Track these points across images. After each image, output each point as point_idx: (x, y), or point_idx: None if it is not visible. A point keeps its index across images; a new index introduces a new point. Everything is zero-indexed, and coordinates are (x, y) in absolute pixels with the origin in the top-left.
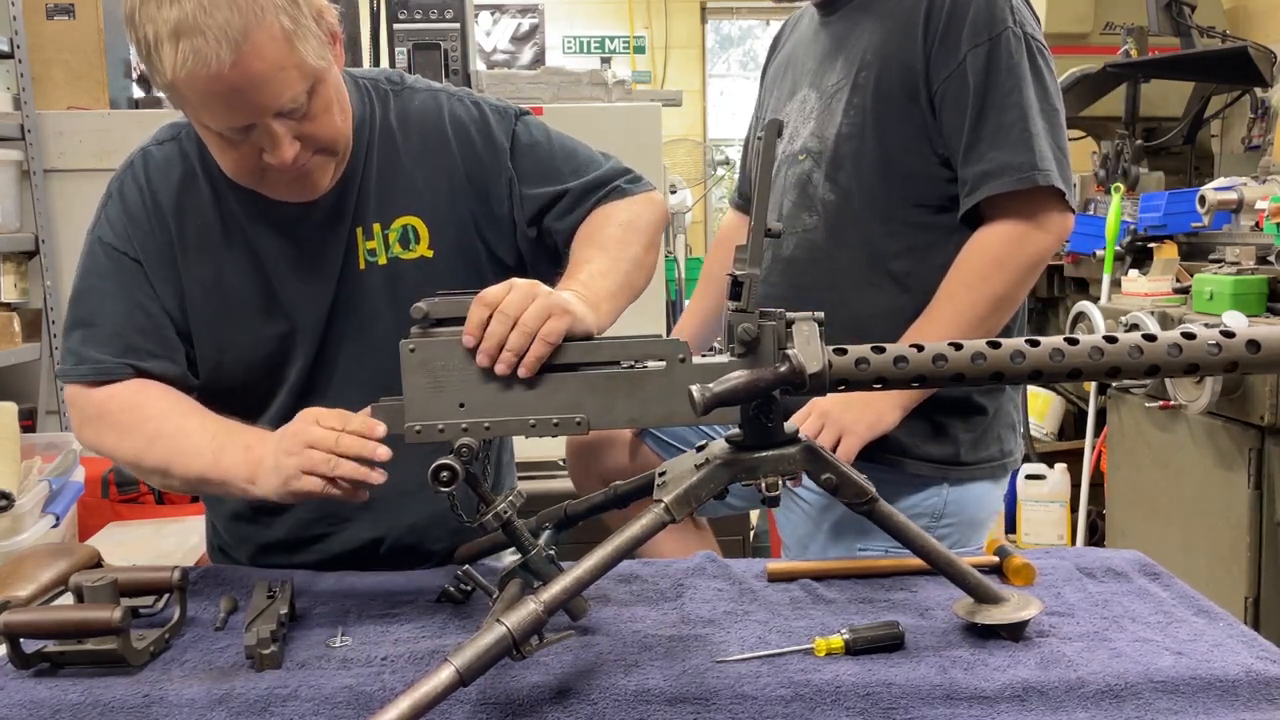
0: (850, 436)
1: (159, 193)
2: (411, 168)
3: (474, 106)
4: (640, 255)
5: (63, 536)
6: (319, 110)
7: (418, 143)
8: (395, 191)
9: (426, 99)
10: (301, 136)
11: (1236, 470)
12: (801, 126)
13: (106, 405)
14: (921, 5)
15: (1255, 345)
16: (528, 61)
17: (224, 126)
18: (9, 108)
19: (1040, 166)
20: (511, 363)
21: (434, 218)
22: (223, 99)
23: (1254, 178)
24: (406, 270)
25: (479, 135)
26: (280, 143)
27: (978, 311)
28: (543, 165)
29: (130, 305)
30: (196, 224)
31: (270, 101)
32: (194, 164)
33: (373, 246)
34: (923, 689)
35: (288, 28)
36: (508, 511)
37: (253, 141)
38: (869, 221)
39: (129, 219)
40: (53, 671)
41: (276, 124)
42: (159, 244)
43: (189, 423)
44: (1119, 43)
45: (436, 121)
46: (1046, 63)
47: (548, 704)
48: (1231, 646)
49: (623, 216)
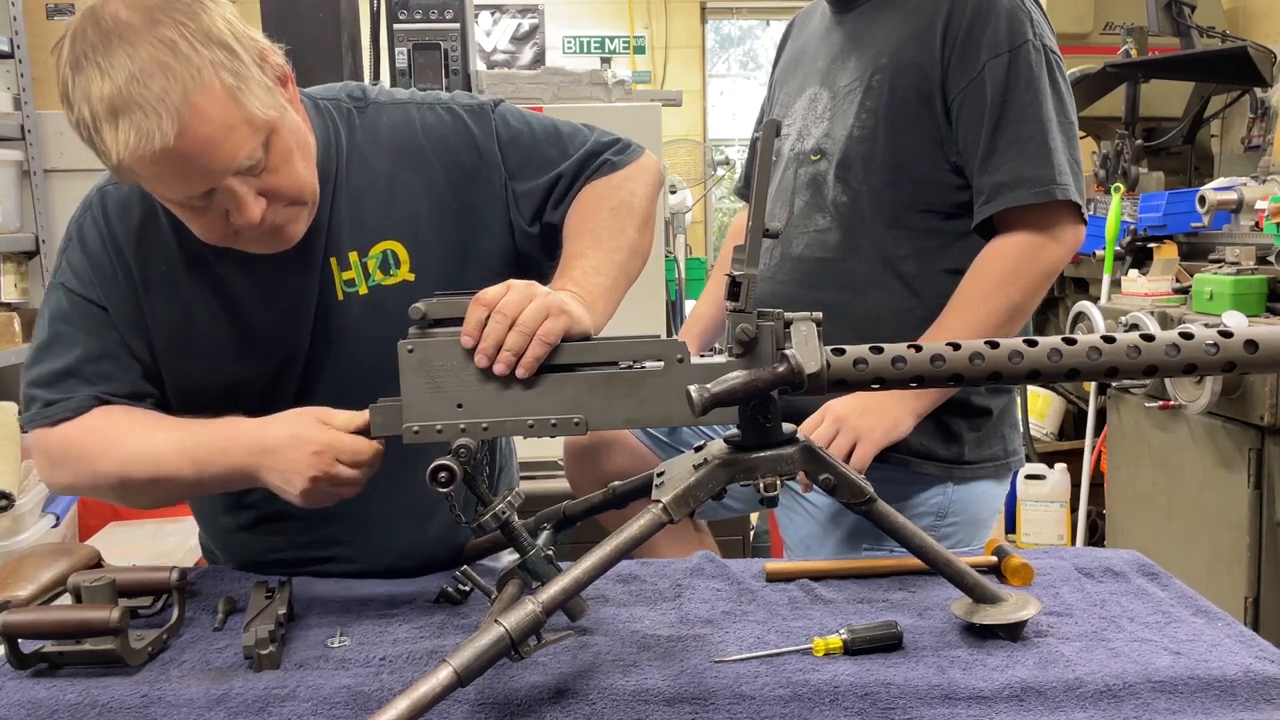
0: (866, 443)
1: (119, 236)
2: (386, 190)
3: (447, 113)
4: (635, 240)
5: (63, 536)
6: (278, 162)
7: (390, 163)
8: (369, 217)
9: (395, 114)
10: (265, 192)
11: (1236, 470)
12: (814, 126)
13: (68, 436)
14: (942, 11)
15: (1253, 345)
16: (528, 61)
17: (182, 197)
18: (9, 108)
19: (1058, 180)
20: (510, 362)
21: (414, 240)
22: (175, 170)
23: (1254, 178)
24: (388, 296)
25: (460, 143)
26: (244, 202)
27: (994, 320)
28: (530, 156)
29: (99, 349)
30: (160, 265)
31: (225, 164)
32: (154, 203)
33: (350, 276)
34: (921, 689)
35: (229, 83)
36: (506, 512)
37: (216, 205)
38: (878, 224)
39: (91, 265)
40: (51, 672)
41: (236, 183)
42: (122, 289)
43: (157, 436)
44: (1119, 43)
45: (409, 137)
46: (1063, 76)
47: (546, 704)
48: (1230, 646)
49: (614, 199)
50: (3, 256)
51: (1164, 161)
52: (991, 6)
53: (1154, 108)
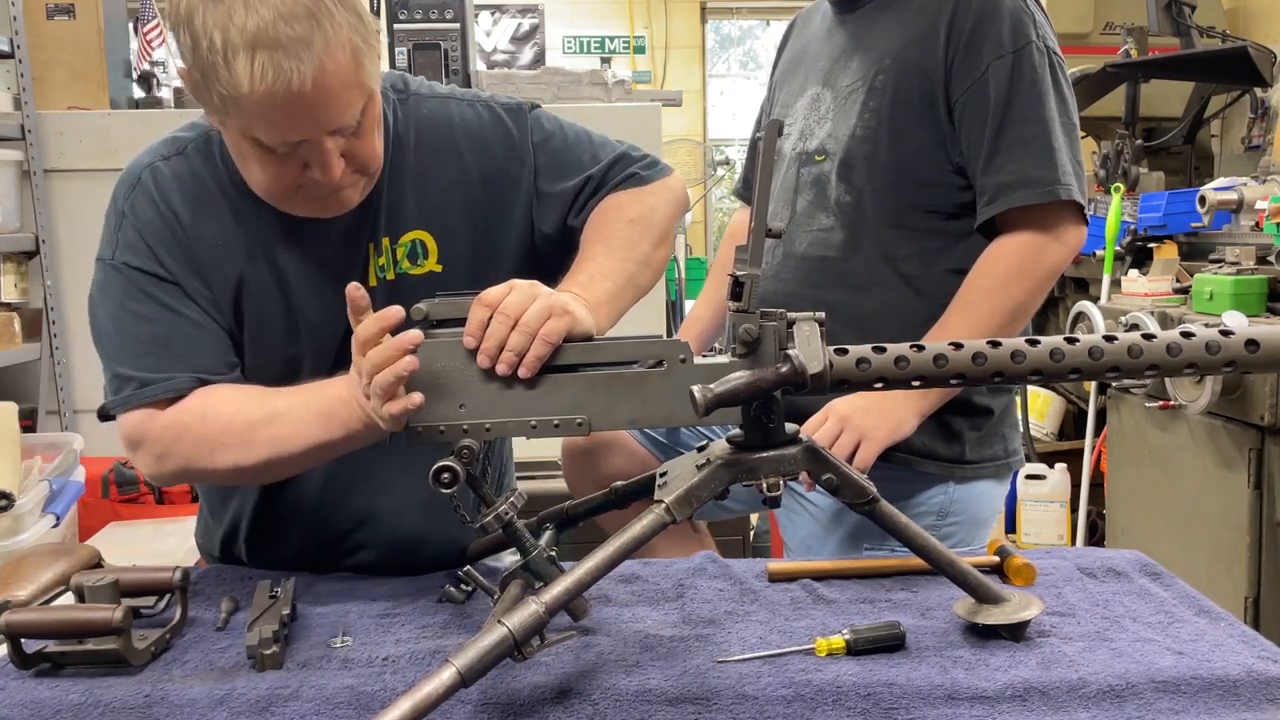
0: (869, 443)
1: (176, 208)
2: (421, 181)
3: (485, 109)
4: (649, 253)
5: (63, 536)
6: (368, 129)
7: (428, 154)
8: (405, 205)
9: (435, 106)
10: (347, 154)
11: (1236, 470)
12: (817, 126)
13: (183, 423)
14: (945, 12)
15: (1254, 344)
16: (528, 61)
17: (278, 141)
18: (9, 108)
19: (1062, 181)
20: (512, 362)
21: (444, 232)
22: (290, 114)
23: (1254, 178)
24: (412, 286)
25: (496, 141)
26: (330, 160)
27: (997, 319)
28: (561, 158)
29: (183, 322)
30: (216, 242)
31: (334, 119)
32: (206, 180)
33: (382, 262)
34: (924, 689)
35: (358, 45)
36: (509, 513)
37: (298, 157)
38: (880, 224)
39: (153, 237)
40: (54, 672)
41: (329, 141)
42: (185, 262)
43: (277, 403)
44: (1119, 43)
45: (446, 131)
46: (1065, 77)
47: (549, 704)
48: (1232, 646)
49: (635, 211)
50: (3, 256)
51: (1164, 161)
52: (995, 8)
53: (1154, 108)
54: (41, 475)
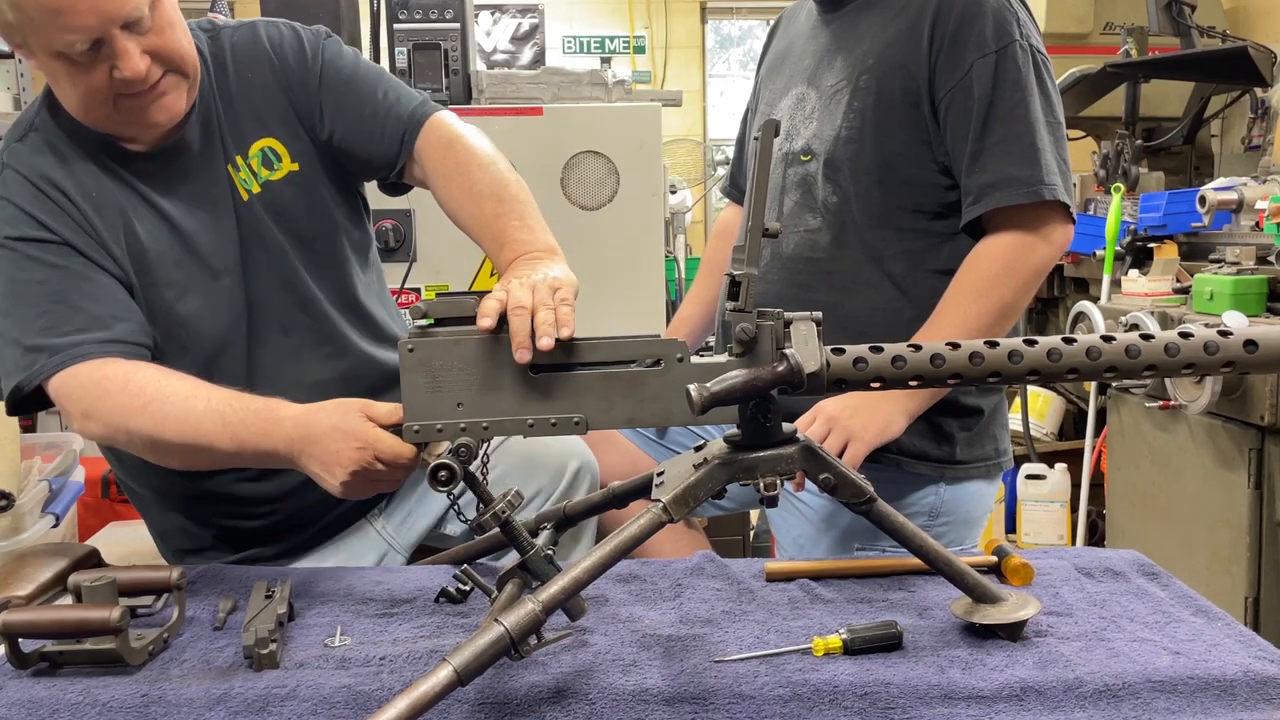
0: (857, 443)
1: (46, 172)
2: (248, 93)
3: (286, 27)
4: (508, 171)
5: (63, 536)
6: (163, 24)
7: (247, 70)
8: (242, 120)
9: (244, 31)
10: (150, 51)
11: (1236, 470)
12: (803, 126)
13: (100, 385)
14: (928, 12)
15: (1253, 345)
16: (528, 61)
17: (70, 44)
18: (9, 108)
19: (1047, 180)
20: (550, 334)
21: (285, 131)
22: (69, 8)
23: (1254, 178)
24: (281, 190)
25: (292, 52)
26: (130, 54)
27: (985, 320)
28: (350, 85)
29: (78, 279)
30: (91, 192)
31: (116, 9)
32: (60, 145)
33: (243, 177)
34: (921, 689)
35: None
36: (506, 511)
37: (102, 60)
38: (866, 224)
39: (29, 203)
40: (51, 671)
41: (123, 37)
42: (70, 218)
43: (196, 404)
44: (1119, 43)
45: (256, 46)
46: (1050, 76)
47: (546, 704)
48: (1229, 646)
49: (482, 154)
50: None
51: (1164, 161)
52: (978, 7)
53: (1154, 108)
54: (41, 475)
